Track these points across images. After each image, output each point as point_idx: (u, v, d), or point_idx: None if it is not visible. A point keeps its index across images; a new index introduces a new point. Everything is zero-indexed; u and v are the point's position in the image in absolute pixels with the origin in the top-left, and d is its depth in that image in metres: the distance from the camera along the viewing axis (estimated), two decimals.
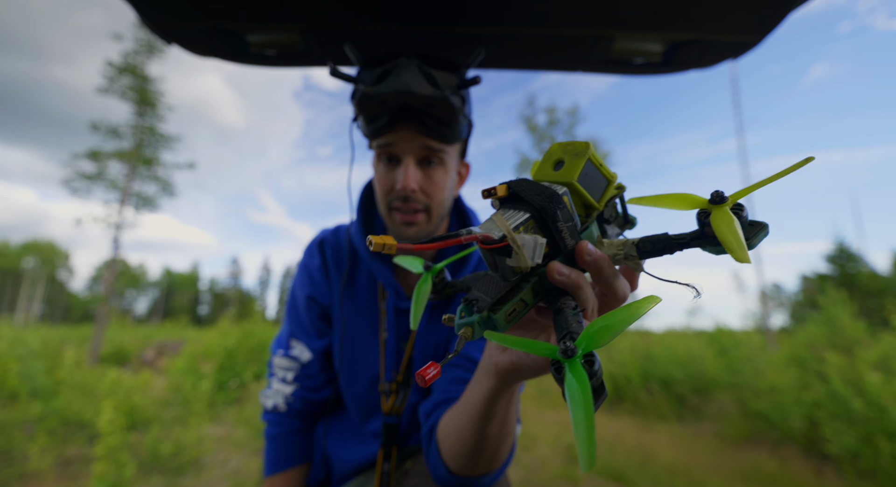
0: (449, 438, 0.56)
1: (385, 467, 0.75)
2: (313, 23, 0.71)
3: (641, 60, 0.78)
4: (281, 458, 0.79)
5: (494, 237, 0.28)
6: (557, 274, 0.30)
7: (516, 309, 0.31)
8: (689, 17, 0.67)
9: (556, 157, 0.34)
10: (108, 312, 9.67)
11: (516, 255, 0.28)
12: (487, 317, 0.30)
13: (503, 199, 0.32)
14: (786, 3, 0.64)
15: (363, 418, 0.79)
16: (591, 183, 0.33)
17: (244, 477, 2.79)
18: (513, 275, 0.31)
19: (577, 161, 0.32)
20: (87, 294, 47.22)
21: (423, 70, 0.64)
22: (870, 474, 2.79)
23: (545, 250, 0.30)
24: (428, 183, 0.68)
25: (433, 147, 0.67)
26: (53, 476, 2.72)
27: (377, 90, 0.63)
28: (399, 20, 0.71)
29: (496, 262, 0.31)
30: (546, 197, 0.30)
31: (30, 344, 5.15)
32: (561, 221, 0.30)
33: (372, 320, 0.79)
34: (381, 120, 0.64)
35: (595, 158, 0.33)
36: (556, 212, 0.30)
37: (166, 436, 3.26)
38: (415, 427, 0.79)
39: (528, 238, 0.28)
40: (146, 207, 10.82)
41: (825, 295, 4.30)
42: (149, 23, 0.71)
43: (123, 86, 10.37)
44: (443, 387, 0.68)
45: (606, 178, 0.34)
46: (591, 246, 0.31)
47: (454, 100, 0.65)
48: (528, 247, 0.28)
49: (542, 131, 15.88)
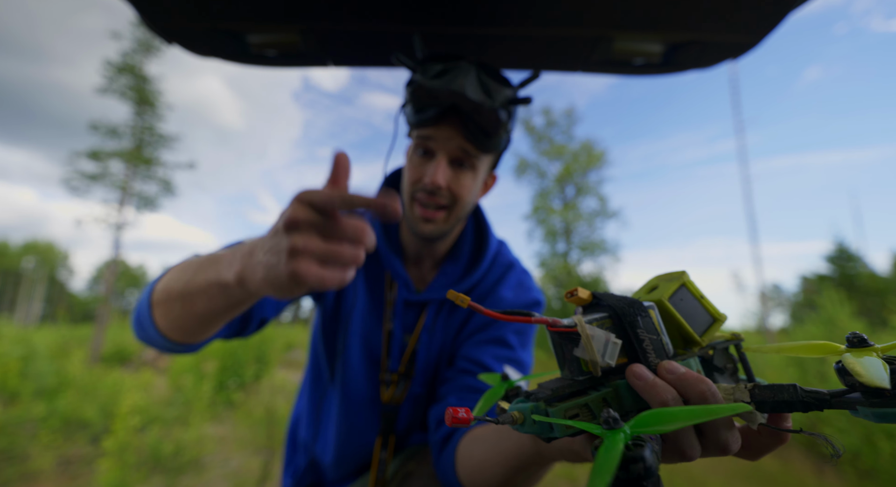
0: (470, 468, 0.57)
1: (382, 455, 0.76)
2: (313, 23, 0.71)
3: (641, 61, 0.79)
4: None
5: (563, 322, 0.27)
6: (636, 376, 0.26)
7: (579, 414, 0.27)
8: (688, 18, 0.68)
9: (652, 285, 0.33)
10: (108, 312, 9.68)
11: (584, 345, 0.26)
12: (543, 409, 0.27)
13: (585, 306, 0.31)
14: (785, 4, 0.64)
15: (357, 406, 0.78)
16: (690, 313, 0.31)
17: (244, 477, 2.80)
18: (580, 374, 0.28)
19: (670, 284, 0.31)
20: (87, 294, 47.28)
21: (480, 77, 0.66)
22: (869, 474, 2.79)
23: (622, 361, 0.28)
24: (456, 182, 0.69)
25: (469, 151, 0.68)
26: (55, 475, 2.73)
27: (432, 84, 0.65)
28: (399, 20, 0.71)
29: (564, 356, 0.29)
30: (627, 303, 0.28)
31: (33, 343, 5.15)
32: (642, 329, 0.28)
33: (377, 309, 0.79)
34: (428, 112, 0.66)
35: (693, 287, 0.31)
36: (635, 318, 0.28)
37: (167, 436, 3.27)
38: (416, 422, 0.79)
39: (600, 331, 0.27)
40: (146, 207, 10.82)
41: (824, 295, 4.31)
42: (149, 23, 0.71)
43: (122, 86, 10.37)
44: (457, 394, 0.69)
45: (711, 315, 0.31)
46: (675, 364, 0.27)
47: (501, 113, 0.67)
48: (598, 340, 0.26)
49: (539, 132, 15.89)
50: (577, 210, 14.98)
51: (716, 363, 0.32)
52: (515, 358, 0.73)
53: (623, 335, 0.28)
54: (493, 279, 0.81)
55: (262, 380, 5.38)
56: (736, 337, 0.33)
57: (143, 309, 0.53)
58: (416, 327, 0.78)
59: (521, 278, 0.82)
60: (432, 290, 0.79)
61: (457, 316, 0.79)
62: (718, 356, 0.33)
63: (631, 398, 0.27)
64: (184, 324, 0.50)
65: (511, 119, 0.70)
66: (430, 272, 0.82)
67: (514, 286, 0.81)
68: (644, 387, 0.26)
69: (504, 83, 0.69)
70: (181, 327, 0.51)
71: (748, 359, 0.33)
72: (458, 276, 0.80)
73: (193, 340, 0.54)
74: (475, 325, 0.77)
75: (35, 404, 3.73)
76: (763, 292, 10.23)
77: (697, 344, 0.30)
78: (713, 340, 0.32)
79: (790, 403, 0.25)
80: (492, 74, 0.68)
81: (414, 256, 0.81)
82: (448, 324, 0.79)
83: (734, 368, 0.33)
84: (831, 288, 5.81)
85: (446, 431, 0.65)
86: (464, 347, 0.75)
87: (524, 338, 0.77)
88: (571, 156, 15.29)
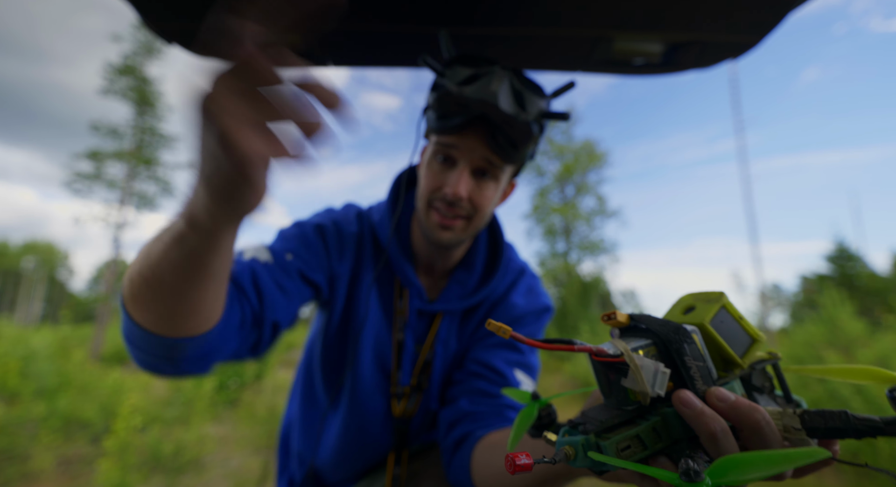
0: (488, 476, 0.56)
1: (396, 471, 0.74)
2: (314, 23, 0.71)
3: (641, 61, 0.79)
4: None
5: (609, 352, 0.26)
6: (683, 404, 0.25)
7: (631, 446, 0.26)
8: (688, 18, 0.68)
9: (686, 304, 0.32)
10: (108, 312, 9.68)
11: (632, 376, 0.26)
12: (595, 443, 0.26)
13: (622, 329, 0.30)
14: (785, 4, 0.64)
15: (368, 420, 0.75)
16: (729, 334, 0.30)
17: (245, 477, 2.80)
18: (628, 404, 0.28)
19: (710, 306, 0.30)
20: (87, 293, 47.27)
21: (514, 86, 0.61)
22: (869, 473, 2.79)
23: (669, 387, 0.27)
24: (477, 193, 0.66)
25: (494, 162, 0.64)
26: (55, 475, 2.73)
27: (461, 92, 0.60)
28: (399, 20, 0.71)
29: (610, 385, 0.28)
30: (672, 328, 0.28)
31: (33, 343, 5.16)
32: (689, 357, 0.27)
33: (387, 318, 0.75)
34: (453, 120, 0.61)
35: (732, 309, 0.31)
36: (682, 345, 0.27)
37: (167, 436, 3.27)
38: (424, 429, 0.78)
39: (648, 361, 0.26)
40: (147, 207, 10.83)
41: (825, 294, 4.31)
42: (149, 23, 0.71)
43: (123, 87, 10.39)
44: (469, 398, 0.67)
45: (750, 336, 0.31)
46: (725, 391, 0.26)
47: (534, 127, 0.62)
48: (647, 371, 0.26)
49: None
50: (576, 209, 14.98)
51: (754, 382, 0.32)
52: (525, 361, 0.72)
53: (669, 362, 0.28)
54: (504, 285, 0.79)
55: (262, 380, 5.38)
56: (773, 356, 0.33)
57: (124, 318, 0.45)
58: (428, 337, 0.75)
59: (532, 283, 0.81)
60: (447, 300, 0.76)
61: (470, 323, 0.77)
62: (756, 375, 0.32)
63: (679, 426, 0.27)
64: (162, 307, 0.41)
65: (542, 132, 0.66)
66: (443, 279, 0.79)
67: (524, 292, 0.79)
68: (692, 416, 0.25)
69: (539, 93, 0.64)
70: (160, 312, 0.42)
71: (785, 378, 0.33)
72: (472, 287, 0.77)
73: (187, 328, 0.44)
74: (486, 330, 0.75)
75: (35, 404, 3.73)
76: (763, 292, 10.23)
77: (739, 366, 0.30)
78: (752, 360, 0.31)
79: (843, 430, 0.25)
80: (527, 83, 0.63)
81: (426, 263, 0.77)
82: (462, 333, 0.77)
83: (771, 386, 0.33)
84: (832, 287, 5.81)
85: (458, 435, 0.64)
86: (474, 350, 0.74)
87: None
88: (572, 155, 15.29)
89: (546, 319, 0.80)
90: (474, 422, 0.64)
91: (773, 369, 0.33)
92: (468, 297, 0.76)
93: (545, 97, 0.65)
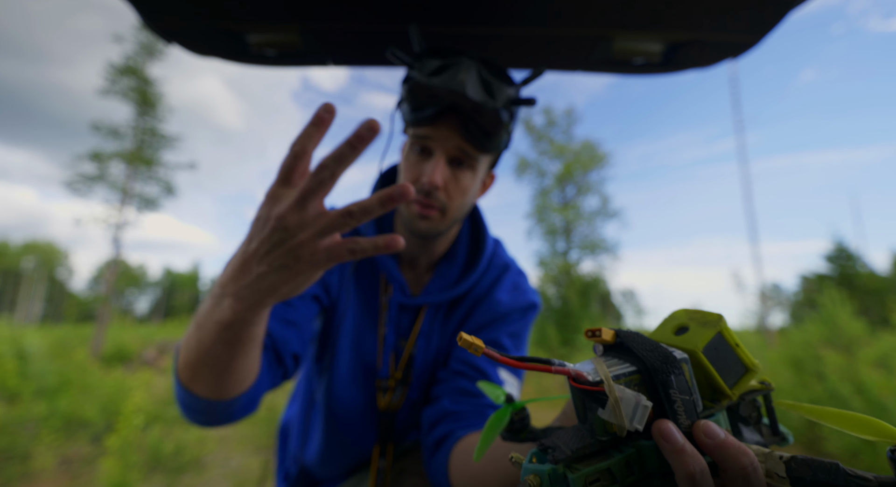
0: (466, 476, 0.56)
1: (381, 464, 0.74)
2: (313, 22, 0.71)
3: (641, 60, 0.79)
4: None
5: (588, 379, 0.25)
6: (665, 438, 0.23)
7: (600, 479, 0.24)
8: (688, 17, 0.68)
9: (679, 323, 0.30)
10: (109, 312, 9.69)
11: (611, 409, 0.24)
12: (563, 474, 0.24)
13: (607, 347, 0.29)
14: (785, 3, 0.64)
15: (350, 414, 0.76)
16: (722, 363, 0.28)
17: (245, 477, 2.80)
18: (603, 435, 0.25)
19: (705, 331, 0.28)
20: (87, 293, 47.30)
21: (481, 75, 0.63)
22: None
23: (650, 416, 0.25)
24: (453, 183, 0.67)
25: (468, 151, 0.66)
26: (56, 475, 2.73)
27: (430, 82, 0.62)
28: (399, 20, 0.71)
29: (586, 411, 0.26)
30: (660, 355, 0.26)
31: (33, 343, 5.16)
32: (675, 389, 0.25)
33: (371, 313, 0.77)
34: (426, 111, 0.63)
35: (729, 335, 0.28)
36: (668, 377, 0.25)
37: (168, 435, 3.27)
38: (411, 425, 0.78)
39: (629, 393, 0.24)
40: (147, 207, 10.84)
41: (825, 294, 4.31)
42: (149, 23, 0.71)
43: (124, 88, 10.40)
44: (451, 397, 0.68)
45: (745, 365, 0.29)
46: (715, 427, 0.24)
47: (504, 114, 0.64)
48: (627, 404, 0.24)
49: (539, 132, 15.90)
50: (577, 209, 14.98)
51: (741, 412, 0.30)
52: None
53: (653, 393, 0.26)
54: (488, 281, 0.80)
55: None
56: (765, 386, 0.31)
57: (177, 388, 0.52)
58: (413, 331, 0.76)
59: (517, 280, 0.81)
60: (429, 293, 0.77)
61: (453, 318, 0.78)
62: (744, 405, 0.30)
63: (655, 459, 0.25)
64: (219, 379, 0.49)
65: (513, 119, 0.68)
66: (426, 274, 0.80)
67: (509, 288, 0.79)
68: (671, 452, 0.24)
69: (507, 81, 0.66)
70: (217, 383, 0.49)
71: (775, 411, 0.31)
72: (454, 279, 0.78)
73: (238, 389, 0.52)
74: (471, 327, 0.76)
75: (36, 403, 3.74)
76: (763, 291, 10.23)
77: (728, 397, 0.28)
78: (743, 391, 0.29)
79: (830, 485, 0.22)
80: (494, 72, 0.65)
81: (409, 258, 0.78)
82: (445, 327, 0.78)
83: (758, 416, 0.31)
84: (831, 287, 5.81)
85: (439, 435, 0.64)
86: (458, 348, 0.74)
87: (519, 341, 0.76)
88: (572, 155, 15.30)
89: (532, 316, 0.80)
90: (455, 422, 0.64)
91: (763, 400, 0.31)
92: (449, 289, 0.76)
93: (513, 85, 0.67)
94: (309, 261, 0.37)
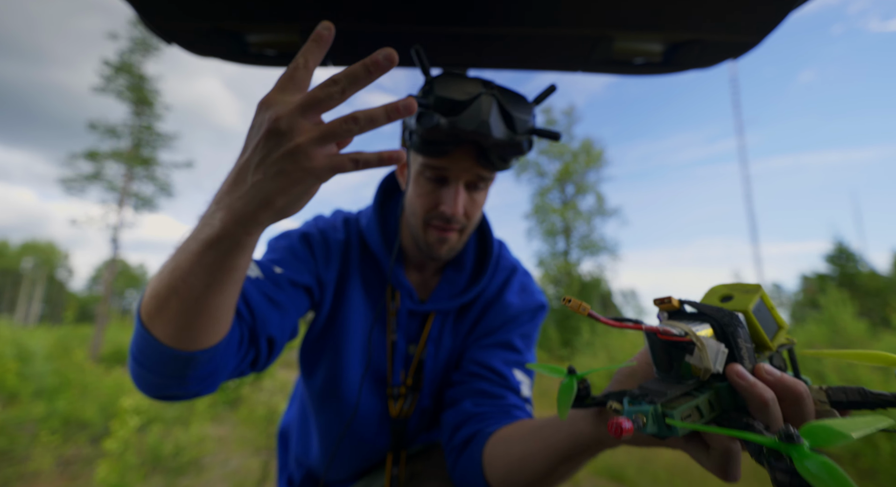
0: (505, 465, 0.55)
1: (394, 471, 0.74)
2: (313, 22, 0.71)
3: (641, 60, 0.78)
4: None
5: (674, 332, 0.30)
6: (739, 376, 0.29)
7: (691, 415, 0.29)
8: (689, 17, 0.67)
9: (723, 293, 0.36)
10: (107, 312, 9.68)
11: (699, 354, 0.29)
12: (662, 413, 0.29)
13: (670, 313, 0.34)
14: (786, 3, 0.64)
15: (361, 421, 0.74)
16: (763, 322, 0.34)
17: (244, 477, 2.80)
18: (689, 378, 0.31)
19: (750, 296, 0.34)
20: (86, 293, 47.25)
21: (503, 110, 0.61)
22: (870, 473, 2.79)
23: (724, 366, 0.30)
24: (471, 205, 0.68)
25: (485, 176, 0.66)
26: (54, 475, 2.73)
27: (453, 123, 0.59)
28: (399, 20, 0.71)
29: (671, 361, 0.32)
30: (726, 314, 0.32)
31: (34, 343, 5.15)
32: (741, 338, 0.31)
33: (380, 319, 0.76)
34: (444, 146, 0.61)
35: (767, 299, 0.34)
36: (736, 328, 0.31)
37: (167, 436, 3.26)
38: (420, 430, 0.78)
39: (711, 341, 0.30)
40: (145, 207, 10.83)
41: (826, 294, 4.31)
42: (148, 23, 0.71)
43: (120, 86, 10.38)
44: (472, 399, 0.67)
45: (777, 324, 0.35)
46: (772, 367, 0.30)
47: (525, 144, 0.63)
48: (711, 349, 0.29)
49: None
50: (576, 209, 14.98)
51: (775, 363, 0.36)
52: (523, 361, 0.73)
53: (725, 343, 0.31)
54: (497, 284, 0.79)
55: (262, 380, 5.37)
56: (790, 341, 0.37)
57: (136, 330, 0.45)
58: (422, 337, 0.75)
59: (525, 281, 0.81)
60: (438, 300, 0.76)
61: (465, 321, 0.78)
62: (776, 357, 0.36)
63: (729, 398, 0.31)
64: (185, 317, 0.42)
65: (531, 146, 0.67)
66: (433, 278, 0.80)
67: (518, 291, 0.79)
68: (746, 387, 0.29)
69: (526, 110, 0.64)
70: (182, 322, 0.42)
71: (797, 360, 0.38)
72: (463, 285, 0.78)
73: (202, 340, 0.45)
74: (483, 330, 0.76)
75: (34, 404, 3.73)
76: None
77: (769, 349, 0.34)
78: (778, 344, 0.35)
79: (861, 403, 0.29)
80: (513, 103, 0.63)
81: (416, 262, 0.78)
82: (456, 332, 0.77)
83: (785, 367, 0.37)
84: (833, 287, 5.80)
85: (465, 435, 0.63)
86: (471, 351, 0.74)
87: (529, 342, 0.76)
88: (571, 155, 15.30)
89: (541, 317, 0.80)
90: (481, 422, 0.64)
91: (787, 353, 0.37)
92: (458, 296, 0.76)
93: (531, 110, 0.66)
94: (307, 168, 0.34)
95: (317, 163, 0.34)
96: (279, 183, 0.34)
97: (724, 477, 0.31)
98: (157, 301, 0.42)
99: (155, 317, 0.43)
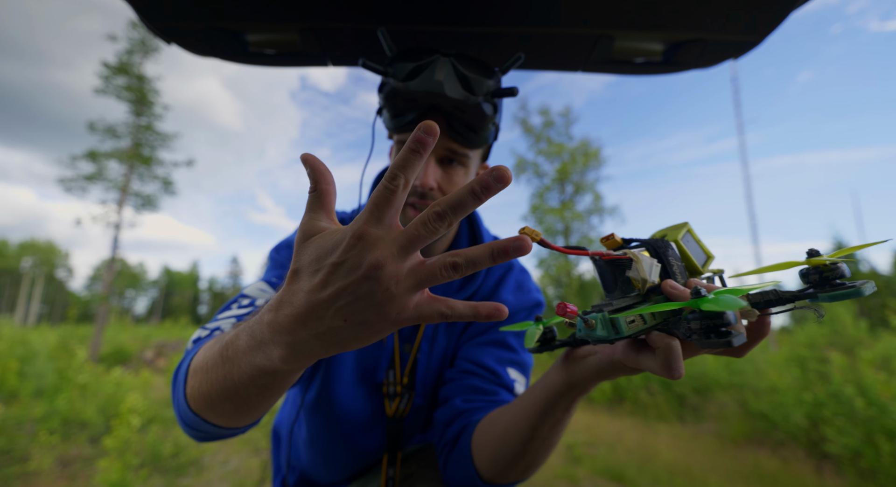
0: (491, 441, 0.56)
1: (390, 472, 0.73)
2: (313, 23, 0.71)
3: (641, 60, 0.78)
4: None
5: (614, 253, 0.36)
6: (672, 287, 0.34)
7: (635, 320, 0.33)
8: (689, 17, 0.67)
9: (660, 234, 0.42)
10: (107, 312, 9.68)
11: (636, 266, 0.35)
12: (610, 319, 0.33)
13: (616, 249, 0.39)
14: (786, 3, 0.64)
15: (354, 421, 0.74)
16: (692, 252, 0.40)
17: (244, 477, 2.79)
18: (632, 292, 0.36)
19: (678, 230, 0.40)
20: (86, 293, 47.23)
21: (458, 71, 0.61)
22: (870, 474, 2.79)
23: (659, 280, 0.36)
24: (447, 181, 0.67)
25: (456, 150, 0.65)
26: (54, 475, 2.73)
27: (407, 87, 0.60)
28: (399, 20, 0.71)
29: (616, 280, 0.37)
30: (658, 240, 0.38)
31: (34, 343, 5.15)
32: (672, 256, 0.37)
33: None
34: (407, 116, 0.62)
35: (693, 233, 0.40)
36: (666, 248, 0.37)
37: (167, 436, 3.26)
38: (415, 429, 0.78)
39: (646, 256, 0.35)
40: (145, 207, 10.83)
41: None
42: (148, 22, 0.71)
43: (119, 86, 10.38)
44: (463, 396, 0.67)
45: (706, 254, 0.41)
46: (701, 281, 0.35)
47: (486, 107, 0.63)
48: (645, 263, 0.35)
49: (537, 132, 15.92)
50: (574, 209, 14.98)
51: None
52: (518, 359, 0.72)
53: (657, 260, 0.36)
54: (492, 281, 0.79)
55: None
56: (719, 271, 0.42)
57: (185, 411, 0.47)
58: (417, 336, 0.75)
59: (521, 279, 0.81)
60: None
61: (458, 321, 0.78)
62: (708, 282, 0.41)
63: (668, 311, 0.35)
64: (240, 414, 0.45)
65: (497, 110, 0.67)
66: None
67: (514, 288, 0.79)
68: (678, 295, 0.33)
69: (485, 73, 0.64)
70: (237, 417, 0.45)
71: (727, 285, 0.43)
72: (458, 282, 0.77)
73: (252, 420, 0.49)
74: (477, 328, 0.75)
75: (34, 404, 3.73)
76: None
77: (699, 273, 0.40)
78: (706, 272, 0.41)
79: (777, 301, 0.33)
80: (470, 66, 0.63)
81: None
82: (450, 331, 0.77)
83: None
84: None
85: (455, 431, 0.63)
86: (464, 348, 0.74)
87: (524, 340, 0.76)
88: (569, 154, 15.29)
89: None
90: (471, 416, 0.64)
91: (720, 280, 0.42)
92: (453, 295, 0.76)
93: (493, 75, 0.65)
94: (394, 321, 0.30)
95: (404, 316, 0.30)
96: (361, 333, 0.31)
97: (669, 374, 0.33)
98: (209, 402, 0.44)
99: (207, 412, 0.45)
